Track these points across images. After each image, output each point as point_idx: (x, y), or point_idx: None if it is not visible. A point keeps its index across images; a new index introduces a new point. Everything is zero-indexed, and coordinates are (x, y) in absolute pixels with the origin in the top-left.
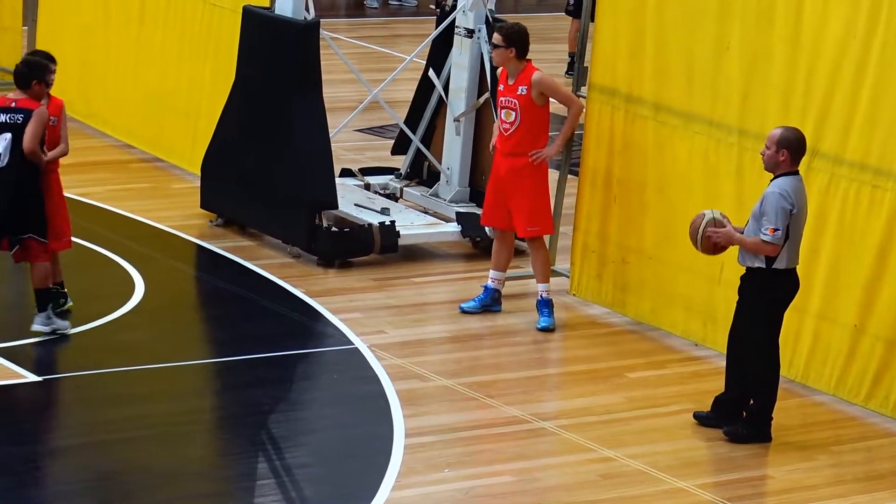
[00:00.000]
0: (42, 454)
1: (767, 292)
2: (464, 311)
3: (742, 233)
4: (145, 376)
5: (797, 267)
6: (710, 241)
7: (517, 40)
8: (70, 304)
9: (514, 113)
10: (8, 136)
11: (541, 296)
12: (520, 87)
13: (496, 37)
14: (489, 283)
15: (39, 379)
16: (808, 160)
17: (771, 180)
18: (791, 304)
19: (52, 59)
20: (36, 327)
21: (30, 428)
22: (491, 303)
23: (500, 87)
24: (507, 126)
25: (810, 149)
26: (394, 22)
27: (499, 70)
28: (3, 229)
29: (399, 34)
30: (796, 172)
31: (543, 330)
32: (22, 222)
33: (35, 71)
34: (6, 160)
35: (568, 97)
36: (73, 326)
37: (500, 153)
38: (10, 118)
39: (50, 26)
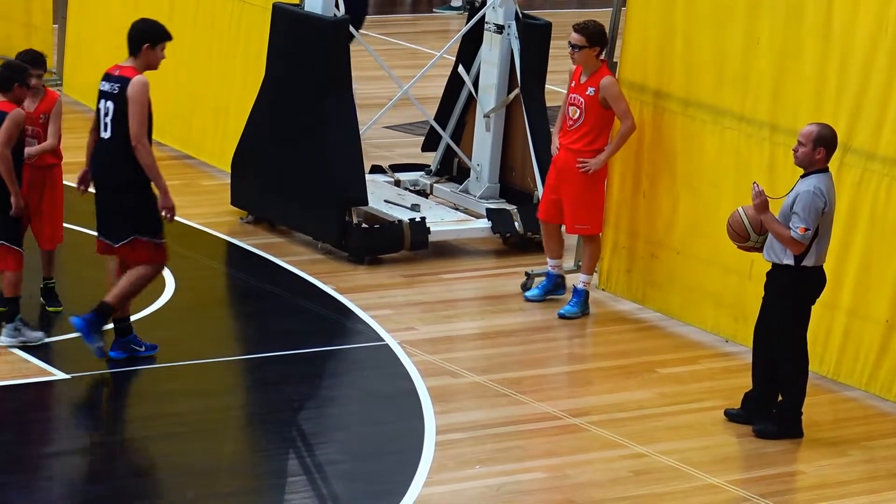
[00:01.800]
0: (72, 452)
1: (795, 289)
2: (528, 300)
3: None
4: (175, 373)
5: (824, 264)
6: (735, 221)
7: (600, 39)
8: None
9: (578, 111)
10: None
11: (577, 284)
12: (589, 88)
13: (578, 38)
14: (550, 269)
15: (68, 376)
16: (840, 155)
17: (802, 176)
18: (822, 300)
19: (37, 62)
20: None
21: (59, 426)
22: (554, 288)
23: (572, 84)
24: (571, 122)
25: (842, 144)
26: (422, 18)
27: (574, 66)
28: None
29: (428, 30)
30: (827, 170)
31: (563, 316)
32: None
33: (17, 74)
34: None
35: (625, 112)
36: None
37: (562, 147)
38: None
39: (80, 24)
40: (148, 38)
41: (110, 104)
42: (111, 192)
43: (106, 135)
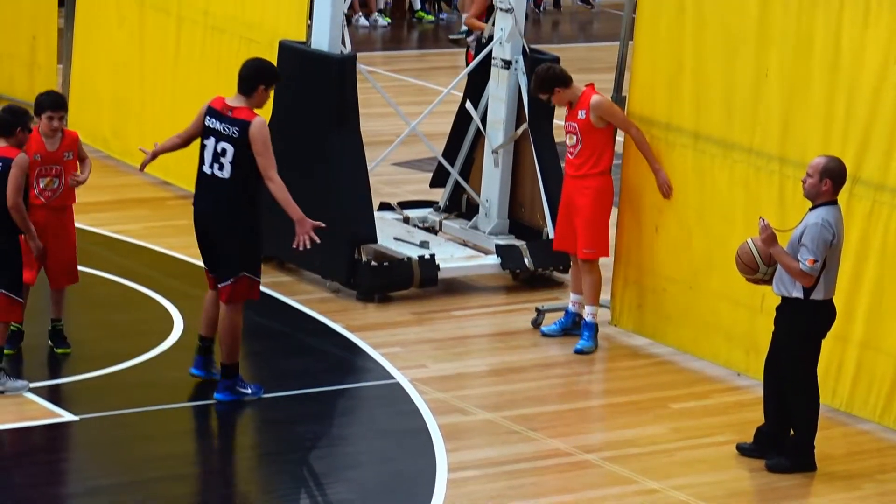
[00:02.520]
0: (80, 494)
1: (805, 323)
2: (545, 335)
3: None
4: (185, 414)
5: (835, 296)
6: (745, 252)
7: (554, 80)
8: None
9: (575, 136)
10: None
11: (585, 318)
12: (579, 112)
13: (543, 95)
14: (570, 306)
15: (76, 418)
16: (849, 187)
17: (810, 209)
18: (834, 332)
19: (58, 105)
20: None
21: (67, 468)
22: (572, 326)
23: (565, 114)
24: (571, 150)
25: (852, 175)
26: (429, 55)
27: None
28: None
29: (435, 66)
30: (835, 202)
31: (579, 352)
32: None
33: (19, 118)
34: None
35: (626, 121)
36: (113, 364)
37: (567, 176)
38: None
39: (85, 63)
40: (264, 80)
41: (228, 146)
42: (224, 231)
43: (222, 174)
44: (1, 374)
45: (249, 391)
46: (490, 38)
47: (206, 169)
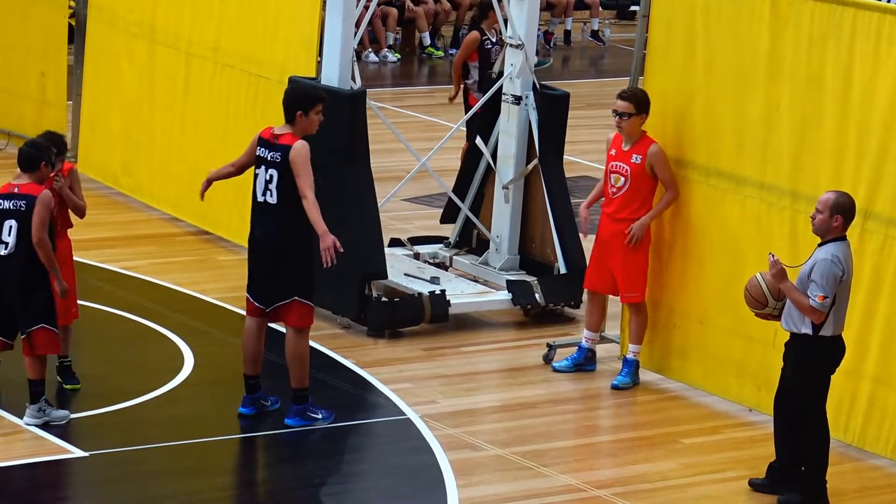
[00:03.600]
0: None
1: (814, 359)
2: (556, 371)
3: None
4: (195, 450)
5: (845, 332)
6: (754, 286)
7: (647, 106)
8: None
9: (623, 178)
10: (13, 223)
11: (628, 355)
12: (634, 155)
13: (625, 105)
14: (583, 342)
15: (86, 454)
16: (861, 222)
17: (819, 244)
18: (846, 367)
19: (60, 146)
20: (27, 420)
21: None
22: (584, 362)
23: (612, 152)
24: (615, 190)
25: (864, 210)
26: (439, 91)
27: (611, 134)
28: (11, 323)
29: (444, 102)
30: (845, 238)
31: (616, 387)
32: (33, 315)
33: (43, 153)
34: (12, 249)
35: (671, 181)
36: (122, 401)
37: (604, 214)
38: (13, 205)
39: (94, 100)
40: (300, 106)
41: (274, 172)
42: (275, 256)
43: (272, 200)
44: (44, 404)
45: (320, 416)
46: (500, 74)
47: (259, 197)
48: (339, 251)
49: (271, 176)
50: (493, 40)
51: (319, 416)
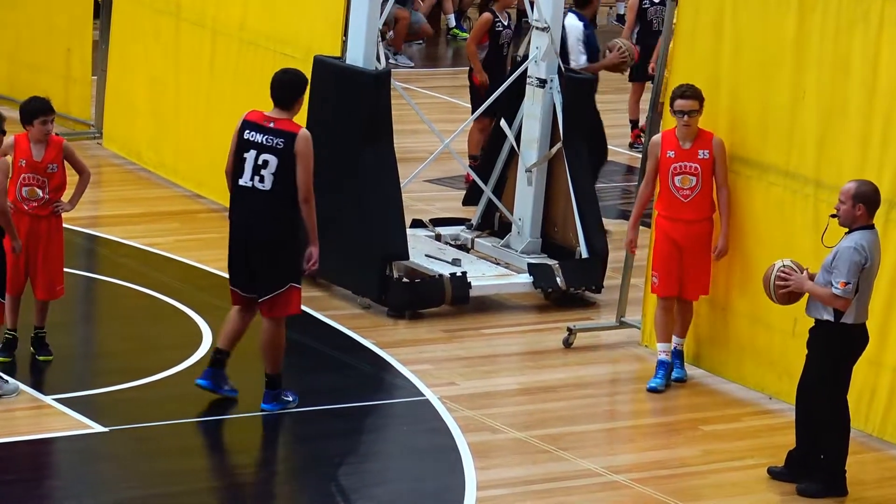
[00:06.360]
0: None
1: (835, 346)
2: (652, 391)
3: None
4: (213, 427)
5: (867, 321)
6: (781, 287)
7: (703, 100)
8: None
9: (694, 178)
10: None
11: (676, 346)
12: (700, 151)
13: (690, 103)
14: (661, 356)
15: (105, 429)
16: (885, 211)
17: (846, 234)
18: (867, 357)
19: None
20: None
21: (95, 479)
22: (670, 372)
23: (669, 153)
24: (687, 192)
25: (888, 200)
26: (463, 73)
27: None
28: None
29: (469, 84)
30: (872, 226)
31: (678, 380)
32: None
33: None
34: None
35: (726, 178)
36: (143, 376)
37: (674, 221)
38: None
39: (120, 76)
40: (301, 92)
41: (271, 157)
42: (268, 243)
43: (262, 186)
44: None
45: (291, 399)
46: (525, 57)
47: (245, 181)
48: (313, 268)
49: (265, 161)
50: (505, 23)
51: (290, 399)
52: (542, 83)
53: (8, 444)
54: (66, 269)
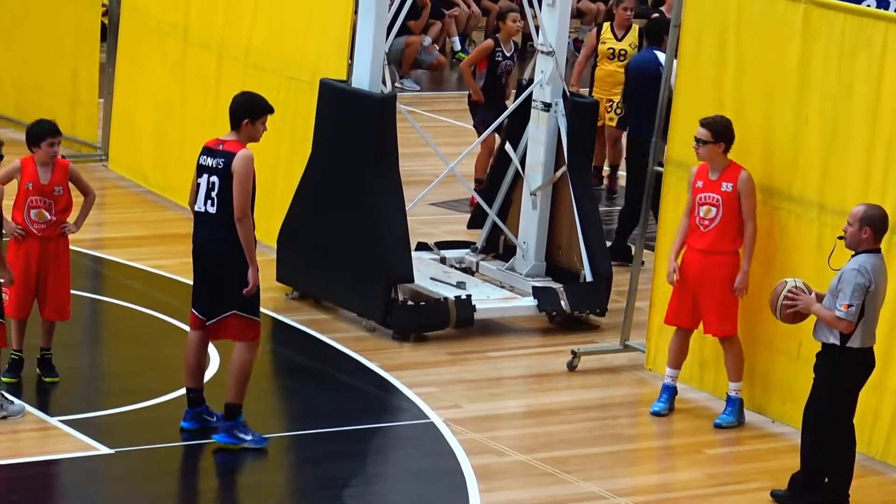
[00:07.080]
0: None
1: (841, 370)
2: (655, 415)
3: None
4: (218, 450)
5: (874, 346)
6: (788, 307)
7: (725, 134)
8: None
9: (715, 209)
10: None
11: (730, 393)
12: (724, 183)
13: (703, 132)
14: (667, 380)
15: (111, 451)
16: (888, 237)
17: (851, 256)
18: (870, 381)
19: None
20: None
21: (100, 501)
22: (674, 398)
23: (699, 184)
24: (707, 223)
25: (891, 225)
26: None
27: (695, 168)
28: None
29: None
30: (878, 250)
31: (717, 426)
32: None
33: None
34: None
35: (752, 212)
36: (149, 398)
37: (691, 249)
38: None
39: (126, 99)
40: (247, 114)
41: (215, 179)
42: (214, 267)
43: (212, 209)
44: (1, 398)
45: (249, 438)
46: (530, 81)
47: (199, 206)
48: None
49: (213, 183)
50: (507, 54)
51: (248, 438)
52: (547, 107)
53: (14, 465)
54: (71, 291)
